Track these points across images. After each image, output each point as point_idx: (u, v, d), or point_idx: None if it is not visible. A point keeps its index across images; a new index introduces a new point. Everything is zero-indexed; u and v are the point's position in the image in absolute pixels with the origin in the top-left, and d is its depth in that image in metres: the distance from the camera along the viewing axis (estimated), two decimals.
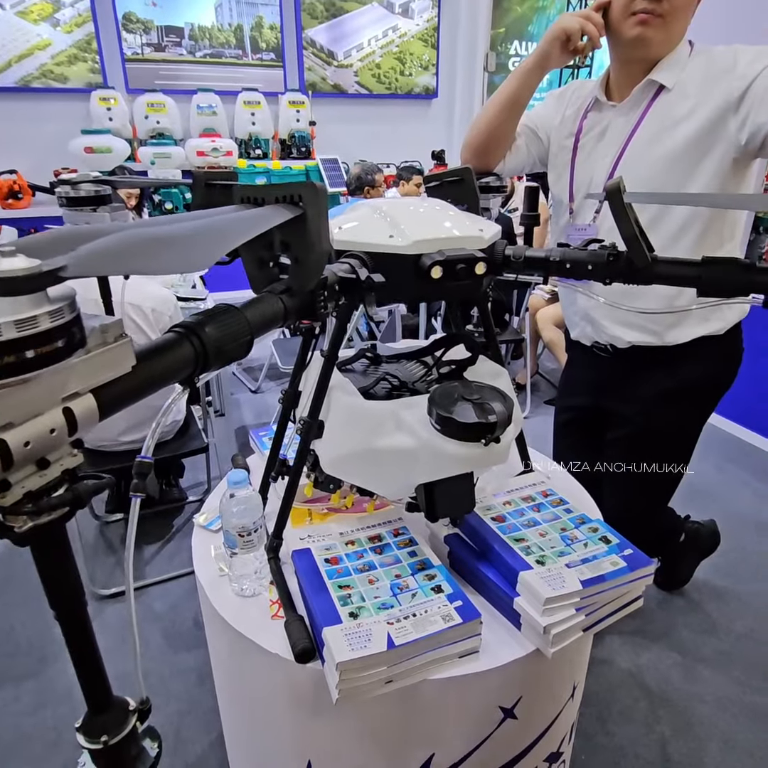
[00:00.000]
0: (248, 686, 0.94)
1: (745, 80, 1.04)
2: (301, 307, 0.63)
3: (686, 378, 1.30)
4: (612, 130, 1.22)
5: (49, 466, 0.38)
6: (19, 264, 0.31)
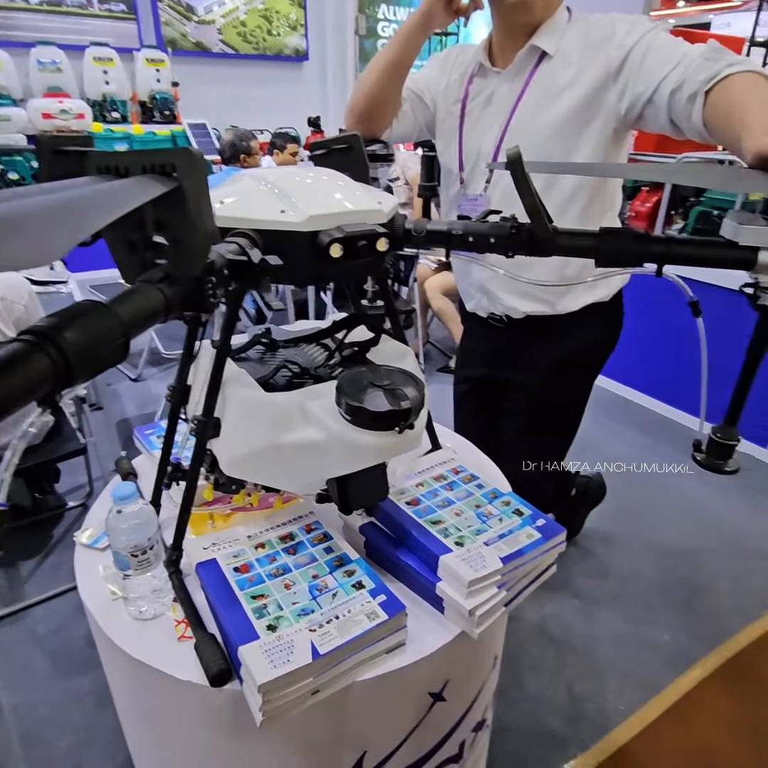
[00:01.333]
0: (158, 719, 0.85)
1: (622, 50, 1.05)
2: (186, 297, 0.54)
3: (577, 345, 1.35)
4: (498, 97, 1.20)
5: None
6: None
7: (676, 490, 2.31)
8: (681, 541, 2.03)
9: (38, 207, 0.37)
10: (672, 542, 2.03)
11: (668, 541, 2.03)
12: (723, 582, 1.86)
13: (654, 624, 1.70)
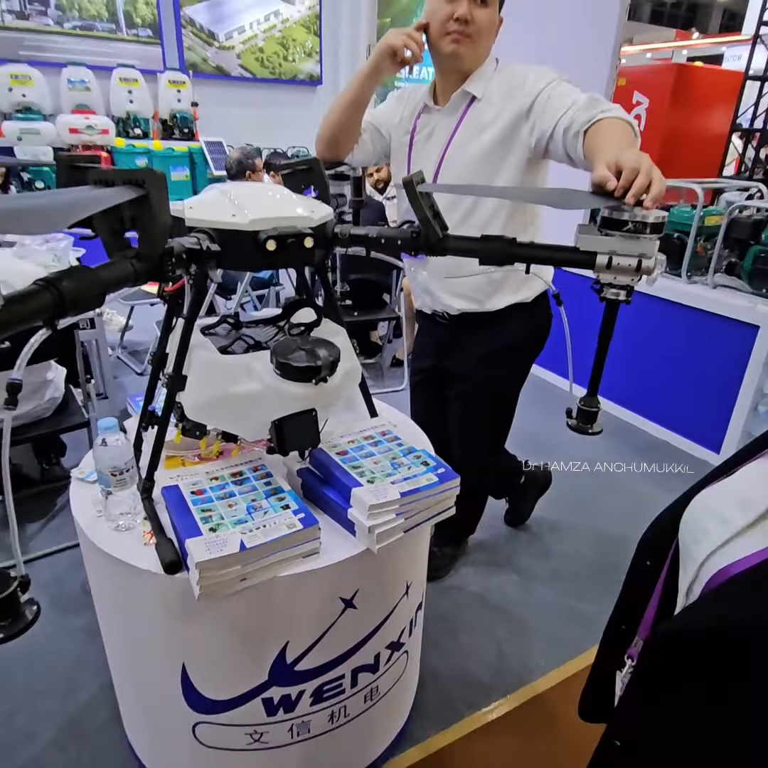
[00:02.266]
0: (126, 606, 1.08)
1: (531, 96, 1.30)
2: (150, 270, 0.78)
3: (505, 339, 1.58)
4: (437, 131, 1.45)
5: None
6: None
7: (627, 486, 2.50)
8: (622, 531, 2.22)
9: (48, 200, 0.61)
10: (613, 531, 2.22)
11: (610, 530, 2.22)
12: None
13: (584, 599, 1.89)
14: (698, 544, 0.55)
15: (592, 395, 1.08)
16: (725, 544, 0.52)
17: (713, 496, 0.58)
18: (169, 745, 1.20)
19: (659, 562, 0.66)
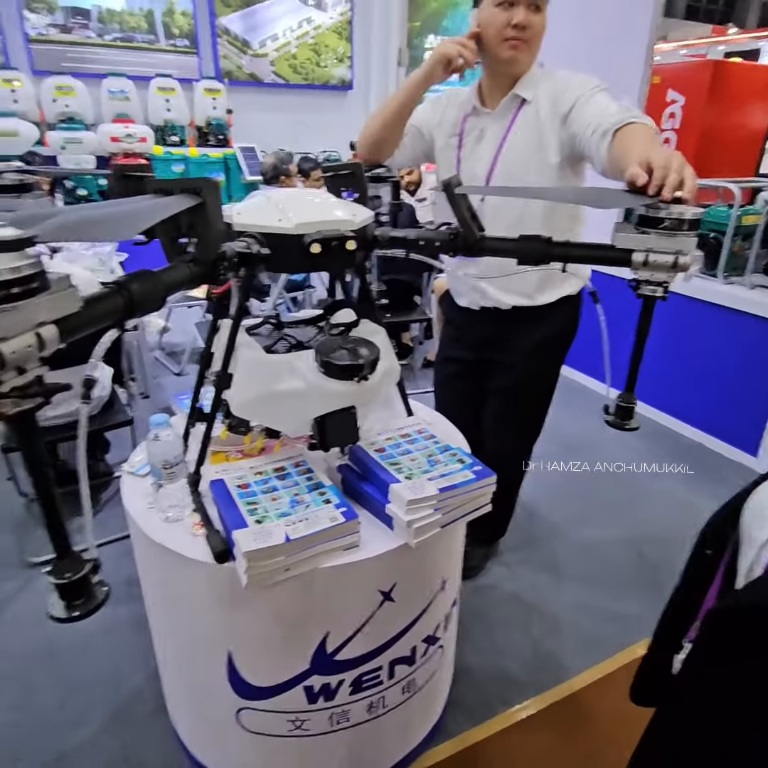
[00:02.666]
0: (174, 595, 1.13)
1: (571, 102, 1.36)
2: (205, 274, 0.83)
3: (553, 331, 1.65)
4: (488, 133, 1.51)
5: (25, 372, 0.57)
6: (10, 233, 0.50)
7: (662, 488, 2.48)
8: (657, 532, 2.20)
9: (117, 210, 0.66)
10: (649, 532, 2.20)
11: (645, 531, 2.21)
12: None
13: (620, 599, 1.88)
14: (761, 529, 0.57)
15: (629, 391, 1.09)
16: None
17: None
18: (214, 730, 1.25)
19: (719, 552, 0.68)
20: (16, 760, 1.40)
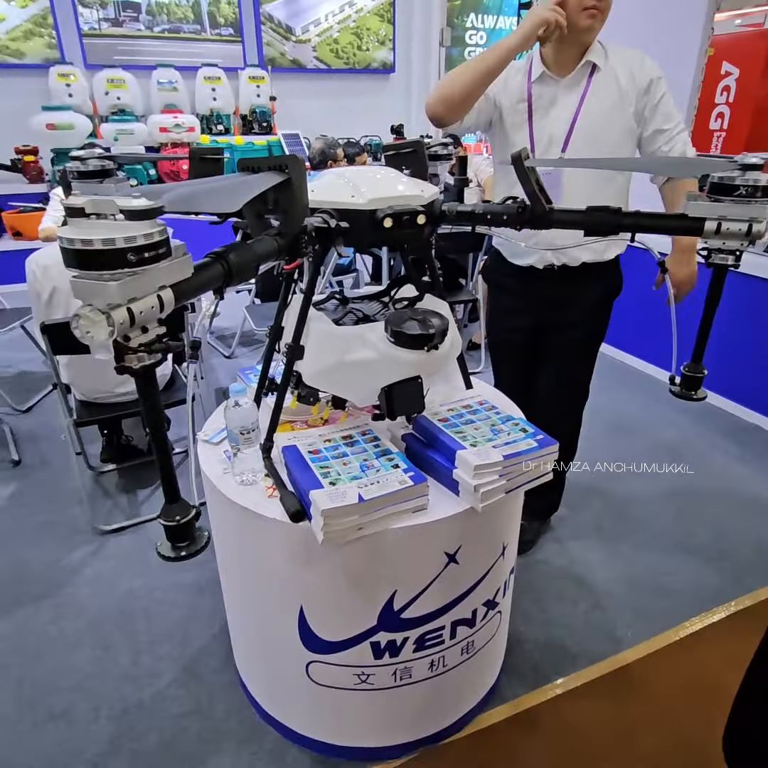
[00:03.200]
0: (249, 554, 1.20)
1: (649, 76, 1.50)
2: (290, 246, 0.88)
3: (607, 287, 1.75)
4: (561, 100, 1.57)
5: (148, 332, 0.63)
6: (144, 203, 0.55)
7: (717, 468, 2.45)
8: (712, 510, 2.18)
9: (221, 185, 0.71)
10: (703, 510, 2.19)
11: (700, 510, 2.19)
12: (746, 546, 2.01)
13: (672, 575, 1.89)
14: None
15: (697, 361, 1.10)
16: None
17: None
18: (284, 682, 1.33)
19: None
20: (97, 708, 1.51)
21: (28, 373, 3.38)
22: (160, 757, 1.39)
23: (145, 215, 0.56)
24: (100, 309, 0.55)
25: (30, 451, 2.64)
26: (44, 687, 1.57)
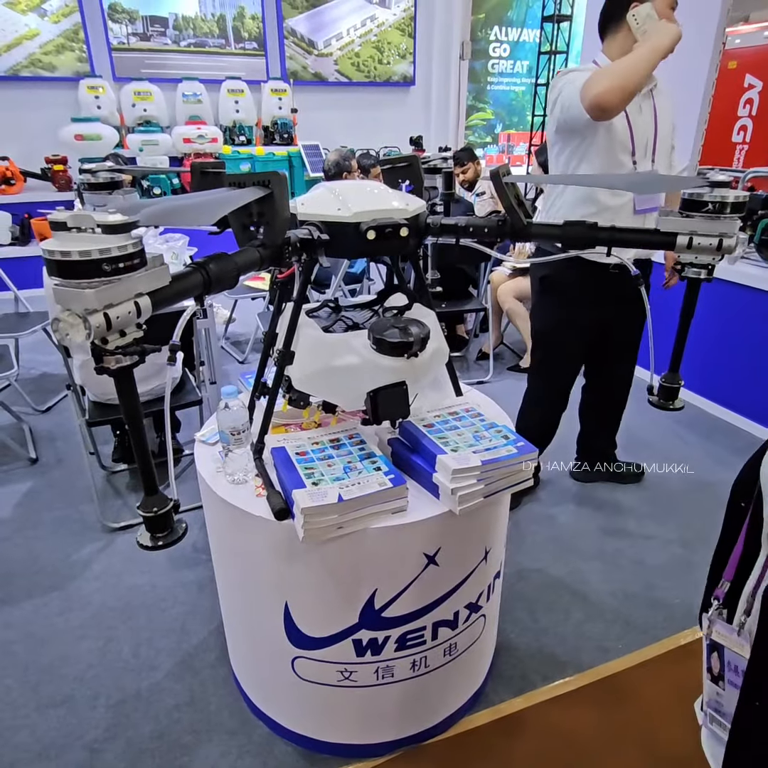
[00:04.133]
0: (239, 552, 1.25)
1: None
2: (272, 257, 0.93)
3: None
4: (644, 108, 1.81)
5: (126, 336, 0.68)
6: (119, 218, 0.61)
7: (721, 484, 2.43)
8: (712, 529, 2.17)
9: (201, 200, 0.77)
10: (702, 528, 2.17)
11: (699, 527, 2.18)
12: None
13: (667, 589, 1.88)
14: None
15: (673, 371, 1.12)
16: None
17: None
18: (271, 677, 1.37)
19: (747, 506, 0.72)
20: (96, 696, 1.57)
21: (49, 375, 3.50)
22: (153, 744, 1.45)
23: (119, 229, 0.61)
24: (78, 314, 0.60)
25: (47, 449, 2.74)
26: (48, 674, 1.64)
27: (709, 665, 0.75)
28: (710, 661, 0.75)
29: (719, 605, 0.75)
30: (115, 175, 1.47)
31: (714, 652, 0.74)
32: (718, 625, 0.73)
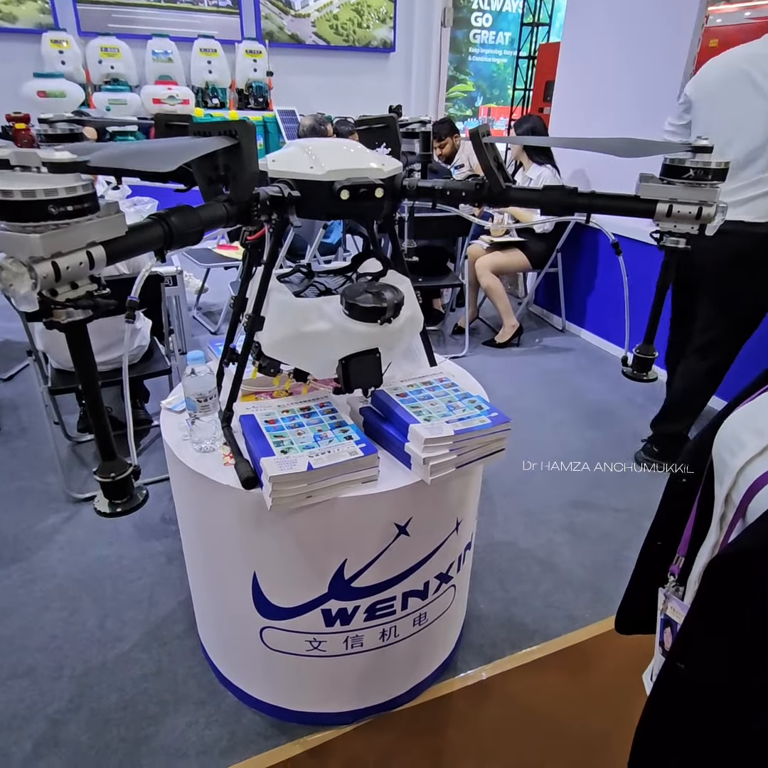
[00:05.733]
0: (206, 521, 1.22)
1: None
2: (239, 214, 0.89)
3: None
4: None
5: (78, 288, 0.63)
6: (67, 156, 0.56)
7: None
8: None
9: (161, 145, 0.72)
10: None
11: None
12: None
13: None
14: (735, 456, 0.59)
15: (648, 343, 1.12)
16: (762, 452, 0.56)
17: (746, 412, 0.62)
18: (239, 647, 1.36)
19: (694, 481, 0.71)
20: (60, 667, 1.54)
21: (11, 342, 3.38)
22: (118, 714, 1.43)
23: (67, 168, 0.56)
24: (22, 261, 0.56)
25: (9, 419, 2.65)
26: (10, 645, 1.60)
27: (661, 639, 0.75)
28: (663, 635, 0.75)
29: (675, 581, 0.75)
30: (74, 127, 1.37)
31: (668, 627, 0.74)
32: (674, 602, 0.73)
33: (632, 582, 0.86)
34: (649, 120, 3.00)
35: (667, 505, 0.78)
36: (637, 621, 0.84)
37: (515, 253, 3.43)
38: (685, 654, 0.62)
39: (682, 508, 0.73)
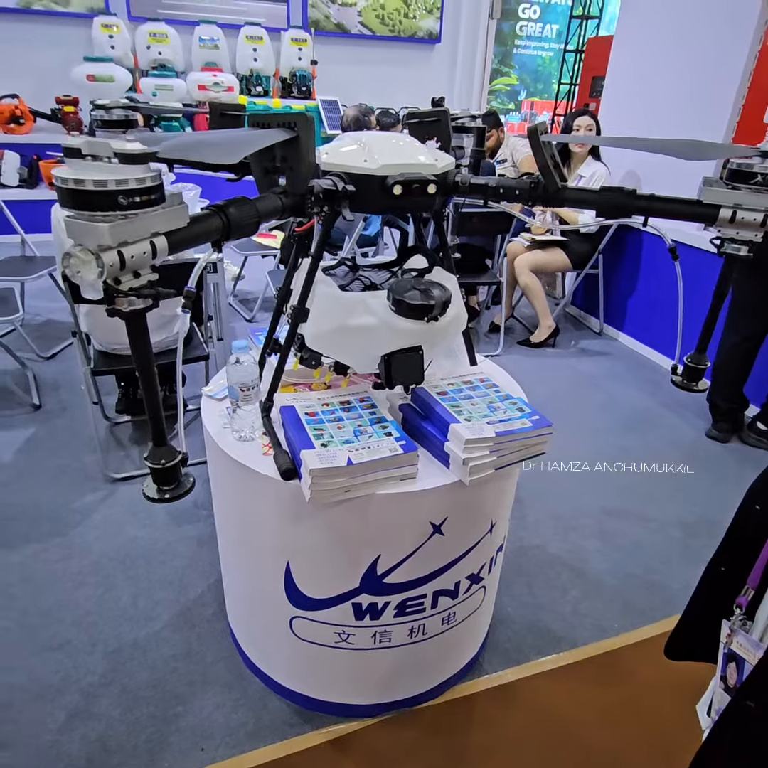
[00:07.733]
0: (243, 509, 1.23)
1: None
2: (294, 206, 0.88)
3: None
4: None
5: (140, 277, 0.64)
6: (138, 147, 0.56)
7: (724, 469, 2.41)
8: (712, 514, 2.16)
9: (224, 136, 0.72)
10: (703, 513, 2.16)
11: (700, 512, 2.17)
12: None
13: (666, 573, 1.88)
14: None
15: (701, 352, 1.09)
16: None
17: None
18: (269, 635, 1.37)
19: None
20: (94, 642, 1.58)
21: (54, 321, 3.46)
22: (148, 692, 1.46)
23: (138, 159, 0.57)
24: (90, 249, 0.56)
25: (51, 397, 2.72)
26: (47, 619, 1.65)
27: (723, 674, 0.72)
28: (726, 669, 0.72)
29: (742, 614, 0.72)
30: (129, 113, 1.39)
31: (732, 662, 0.71)
32: (741, 636, 0.70)
33: (691, 608, 0.83)
34: (706, 120, 2.91)
35: (738, 531, 0.75)
36: (692, 650, 0.82)
37: (556, 252, 3.38)
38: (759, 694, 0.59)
39: (755, 536, 0.70)
